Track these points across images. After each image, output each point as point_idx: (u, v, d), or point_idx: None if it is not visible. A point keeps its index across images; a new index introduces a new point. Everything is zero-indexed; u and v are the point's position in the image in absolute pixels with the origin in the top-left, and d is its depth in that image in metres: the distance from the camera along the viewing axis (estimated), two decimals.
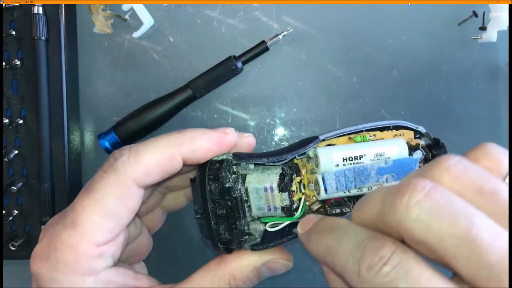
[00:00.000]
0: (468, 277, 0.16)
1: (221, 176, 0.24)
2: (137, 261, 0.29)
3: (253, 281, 0.26)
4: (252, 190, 0.25)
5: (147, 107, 0.36)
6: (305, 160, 0.27)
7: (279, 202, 0.25)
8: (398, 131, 0.27)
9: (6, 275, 0.36)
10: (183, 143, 0.24)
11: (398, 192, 0.17)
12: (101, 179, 0.23)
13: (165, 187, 0.30)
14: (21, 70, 0.37)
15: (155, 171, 0.23)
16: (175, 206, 0.32)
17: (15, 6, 0.37)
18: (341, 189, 0.25)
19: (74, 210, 0.23)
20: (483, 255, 0.15)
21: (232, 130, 0.25)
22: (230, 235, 0.25)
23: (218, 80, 0.37)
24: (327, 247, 0.20)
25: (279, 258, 0.26)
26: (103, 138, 0.36)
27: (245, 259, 0.25)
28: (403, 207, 0.17)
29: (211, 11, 0.39)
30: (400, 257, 0.17)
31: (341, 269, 0.19)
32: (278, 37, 0.37)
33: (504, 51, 0.38)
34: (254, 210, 0.25)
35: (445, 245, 0.16)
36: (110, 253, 0.23)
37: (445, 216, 0.16)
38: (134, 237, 0.28)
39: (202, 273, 0.25)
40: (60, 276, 0.22)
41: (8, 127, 0.37)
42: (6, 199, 0.37)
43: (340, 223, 0.21)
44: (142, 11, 0.38)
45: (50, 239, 0.23)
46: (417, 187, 0.17)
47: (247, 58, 0.37)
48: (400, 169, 0.25)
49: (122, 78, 0.40)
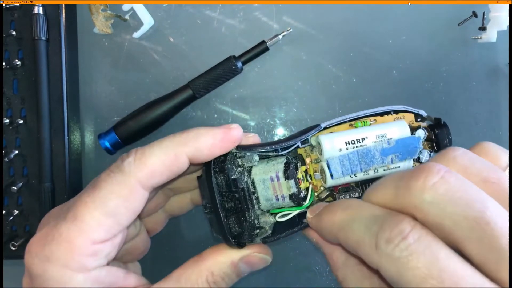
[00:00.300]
0: (479, 259, 0.16)
1: (227, 167, 0.24)
2: (131, 260, 0.29)
3: (231, 278, 0.26)
4: (259, 181, 0.25)
5: (147, 107, 0.36)
6: (309, 149, 0.27)
7: (286, 190, 0.25)
8: (399, 115, 0.27)
9: (6, 275, 0.36)
10: (188, 142, 0.24)
11: (413, 175, 0.18)
12: (107, 178, 0.23)
13: (170, 189, 0.30)
14: (21, 70, 0.37)
15: (161, 172, 0.23)
16: (180, 210, 0.32)
17: (15, 6, 0.37)
18: (347, 173, 0.25)
19: (76, 205, 0.23)
20: (495, 237, 0.16)
21: (237, 125, 0.25)
22: (240, 227, 0.25)
23: (218, 80, 0.37)
24: (340, 223, 0.20)
25: (257, 252, 0.26)
26: (103, 138, 0.36)
27: (222, 255, 0.25)
28: (418, 189, 0.17)
29: (211, 11, 0.39)
30: (420, 232, 0.17)
31: (356, 244, 0.19)
32: (278, 37, 0.37)
33: (503, 51, 0.38)
34: (263, 201, 0.25)
35: (459, 228, 0.16)
36: (105, 253, 0.23)
37: (460, 199, 0.17)
38: (132, 238, 0.28)
39: (180, 271, 0.25)
40: (51, 268, 0.22)
41: (9, 127, 0.37)
42: (6, 199, 0.37)
43: (353, 202, 0.21)
44: (142, 11, 0.38)
45: (49, 230, 0.23)
46: (432, 170, 0.17)
47: (247, 58, 0.37)
48: (403, 148, 0.25)
49: (122, 78, 0.40)
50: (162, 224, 0.32)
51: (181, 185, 0.29)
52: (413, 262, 0.16)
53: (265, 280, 0.40)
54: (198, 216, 0.39)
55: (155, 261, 0.39)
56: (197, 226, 0.40)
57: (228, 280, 0.26)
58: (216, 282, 0.25)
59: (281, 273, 0.40)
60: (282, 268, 0.40)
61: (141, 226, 0.29)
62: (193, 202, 0.31)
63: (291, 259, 0.40)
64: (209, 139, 0.24)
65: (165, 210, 0.31)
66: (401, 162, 0.25)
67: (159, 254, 0.39)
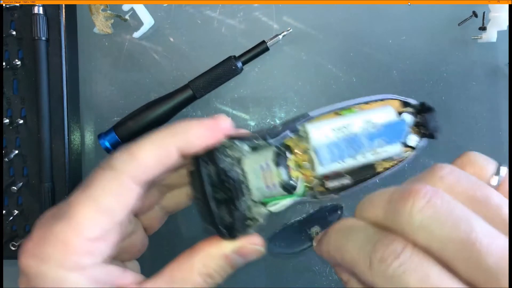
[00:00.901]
0: (468, 279, 0.17)
1: (216, 157, 0.24)
2: (129, 259, 0.29)
3: (225, 269, 0.25)
4: (249, 171, 0.25)
5: (147, 107, 0.36)
6: (297, 140, 0.27)
7: (276, 178, 0.25)
8: (384, 102, 0.27)
9: (6, 275, 0.36)
10: (177, 135, 0.24)
11: (402, 197, 0.18)
12: (98, 175, 0.23)
13: (164, 185, 0.30)
14: (21, 70, 0.37)
15: (151, 166, 0.23)
16: (177, 206, 0.32)
17: (15, 6, 0.37)
18: (336, 160, 0.25)
19: (69, 205, 0.23)
20: (482, 257, 0.16)
21: (224, 115, 0.25)
22: (231, 217, 0.24)
23: (218, 80, 0.37)
24: (336, 244, 0.21)
25: (250, 243, 0.25)
26: (103, 138, 0.36)
27: (214, 247, 0.25)
28: (407, 214, 0.18)
29: (211, 11, 0.39)
30: (411, 251, 0.18)
31: (352, 263, 0.19)
32: (278, 37, 0.37)
33: (504, 51, 0.38)
34: (254, 191, 0.25)
35: (446, 249, 0.17)
36: (100, 251, 0.23)
37: (446, 221, 0.17)
38: (128, 235, 0.28)
39: (173, 265, 0.25)
40: (46, 269, 0.22)
41: (9, 127, 0.37)
42: (6, 199, 0.37)
43: (347, 222, 0.22)
44: (142, 11, 0.38)
45: (42, 231, 0.23)
46: (419, 194, 0.18)
47: (247, 58, 0.37)
48: (390, 132, 0.25)
49: (122, 78, 0.40)
50: (160, 222, 0.31)
51: (176, 181, 0.29)
52: (405, 280, 0.17)
53: (265, 280, 0.40)
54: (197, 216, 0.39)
55: (155, 260, 0.39)
56: (197, 225, 0.40)
57: (222, 272, 0.25)
58: (209, 274, 0.25)
59: (281, 273, 0.40)
60: (282, 268, 0.40)
61: (137, 223, 0.29)
62: (190, 197, 0.31)
63: (291, 259, 0.40)
64: (199, 130, 0.24)
65: (162, 206, 0.31)
66: (389, 146, 0.25)
67: (158, 253, 0.39)
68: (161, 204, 0.31)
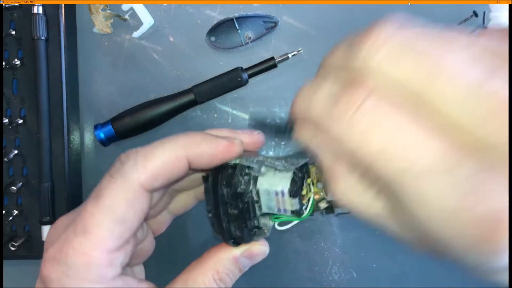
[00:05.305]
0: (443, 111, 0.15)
1: (234, 182, 0.24)
2: (137, 263, 0.29)
3: (235, 273, 0.26)
4: (263, 192, 0.25)
5: (147, 106, 0.36)
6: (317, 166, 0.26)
7: (289, 206, 0.25)
8: None
9: (6, 275, 0.36)
10: (190, 147, 0.24)
11: (359, 41, 0.17)
12: (108, 184, 0.23)
13: (174, 189, 0.30)
14: (21, 70, 0.37)
15: (162, 174, 0.23)
16: (184, 208, 0.32)
17: (15, 6, 0.37)
18: None
19: (83, 217, 0.22)
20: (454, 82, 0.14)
21: (239, 141, 0.25)
22: (240, 233, 0.25)
23: (222, 88, 0.37)
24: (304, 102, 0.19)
25: (255, 244, 0.26)
26: (99, 129, 0.36)
27: (223, 252, 0.26)
28: (365, 52, 0.17)
29: (211, 11, 0.39)
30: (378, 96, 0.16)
31: (318, 118, 0.18)
32: (287, 55, 0.37)
33: None
34: (264, 208, 0.26)
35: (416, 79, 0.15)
36: (120, 260, 0.23)
37: (417, 47, 0.16)
38: (140, 241, 0.28)
39: (185, 274, 0.25)
40: (69, 282, 0.22)
41: (8, 127, 0.37)
42: (6, 199, 0.37)
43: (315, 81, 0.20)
44: (142, 11, 0.38)
45: (61, 244, 0.22)
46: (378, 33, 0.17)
47: (254, 71, 0.37)
48: None
49: (122, 78, 0.40)
50: (166, 224, 0.31)
51: (185, 184, 0.29)
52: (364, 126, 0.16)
53: (265, 280, 0.40)
54: (203, 219, 0.39)
55: (160, 263, 0.39)
56: (202, 229, 0.40)
57: (233, 276, 0.26)
58: (222, 279, 0.25)
59: (281, 273, 0.40)
60: (282, 268, 0.40)
61: (148, 228, 0.29)
62: (197, 198, 0.31)
63: (291, 259, 0.40)
64: (211, 148, 0.24)
65: (169, 209, 0.31)
66: None
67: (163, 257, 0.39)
68: (168, 208, 0.31)
